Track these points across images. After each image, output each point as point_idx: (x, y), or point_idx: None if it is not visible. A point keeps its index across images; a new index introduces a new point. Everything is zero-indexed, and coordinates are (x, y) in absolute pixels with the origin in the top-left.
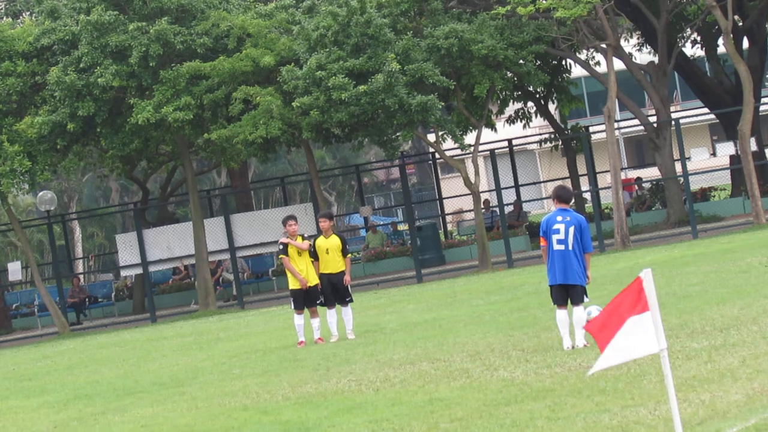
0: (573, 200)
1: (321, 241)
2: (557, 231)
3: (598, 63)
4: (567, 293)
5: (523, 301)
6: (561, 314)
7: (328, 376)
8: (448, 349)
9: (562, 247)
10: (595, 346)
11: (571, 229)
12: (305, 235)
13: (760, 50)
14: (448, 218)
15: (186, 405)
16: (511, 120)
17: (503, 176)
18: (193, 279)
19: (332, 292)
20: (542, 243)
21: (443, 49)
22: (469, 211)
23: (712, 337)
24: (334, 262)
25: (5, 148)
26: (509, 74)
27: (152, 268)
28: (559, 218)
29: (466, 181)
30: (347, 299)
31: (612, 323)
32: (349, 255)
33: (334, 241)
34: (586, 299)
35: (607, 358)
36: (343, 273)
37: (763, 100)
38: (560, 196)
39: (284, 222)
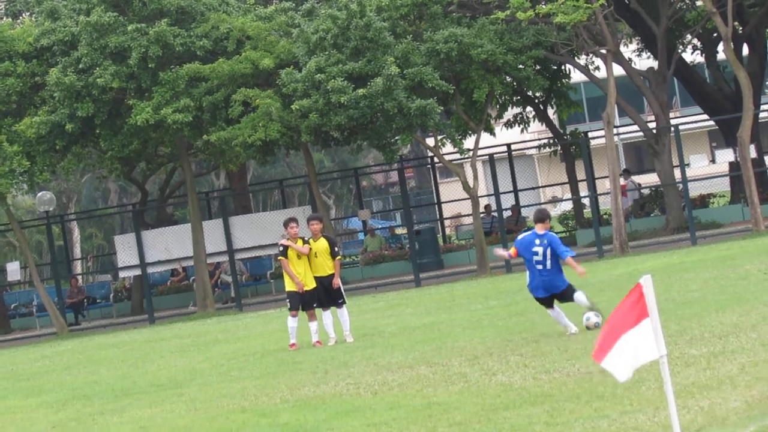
0: (548, 220)
1: (310, 245)
2: (536, 253)
3: (597, 68)
4: (552, 299)
5: (521, 306)
6: (552, 312)
7: (327, 379)
8: (446, 354)
9: (541, 267)
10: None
11: (548, 251)
12: (305, 239)
13: (760, 57)
14: (447, 222)
15: (184, 406)
16: (509, 124)
17: (502, 181)
18: (191, 281)
19: (325, 294)
20: (513, 251)
21: (442, 53)
22: (468, 215)
23: (711, 344)
24: (323, 265)
25: (4, 149)
26: (508, 79)
27: (151, 270)
28: (537, 242)
29: (465, 186)
30: (339, 301)
31: (613, 335)
32: (339, 257)
33: (322, 244)
34: (576, 292)
35: (614, 366)
36: (333, 276)
37: (763, 107)
38: (536, 219)
39: (285, 224)
